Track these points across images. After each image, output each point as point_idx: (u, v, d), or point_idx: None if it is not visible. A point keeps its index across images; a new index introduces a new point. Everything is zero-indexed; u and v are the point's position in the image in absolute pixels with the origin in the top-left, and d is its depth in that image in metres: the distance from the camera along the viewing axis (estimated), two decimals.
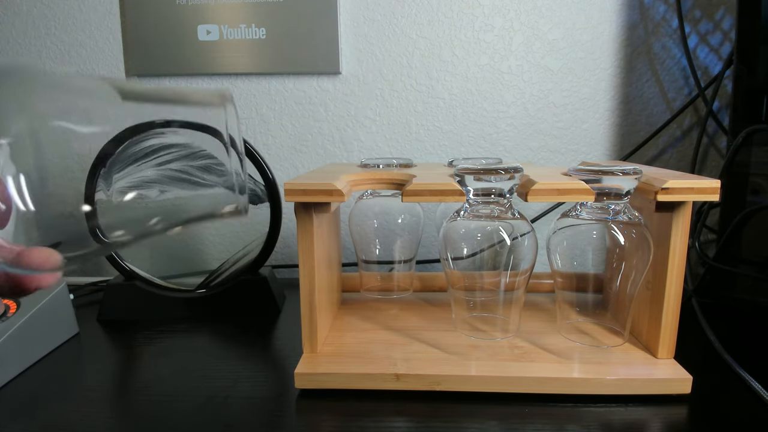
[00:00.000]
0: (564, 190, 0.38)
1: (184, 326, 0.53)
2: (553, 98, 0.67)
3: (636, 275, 0.41)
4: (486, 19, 0.65)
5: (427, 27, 0.66)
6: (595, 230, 0.42)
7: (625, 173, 0.38)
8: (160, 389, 0.39)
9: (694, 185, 0.37)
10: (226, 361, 0.46)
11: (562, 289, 0.45)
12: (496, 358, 0.41)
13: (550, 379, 0.38)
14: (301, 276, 0.41)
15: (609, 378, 0.38)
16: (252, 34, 0.66)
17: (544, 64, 0.66)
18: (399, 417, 0.37)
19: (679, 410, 0.37)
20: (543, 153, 0.68)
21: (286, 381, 0.42)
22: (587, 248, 0.43)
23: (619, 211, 0.41)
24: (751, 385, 0.39)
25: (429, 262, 0.71)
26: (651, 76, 0.66)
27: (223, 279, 0.58)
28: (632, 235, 0.41)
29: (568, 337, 0.45)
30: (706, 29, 0.63)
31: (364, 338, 0.46)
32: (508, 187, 0.40)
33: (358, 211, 0.55)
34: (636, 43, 0.65)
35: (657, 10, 0.64)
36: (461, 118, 0.68)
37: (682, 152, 0.67)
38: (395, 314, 0.51)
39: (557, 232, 0.43)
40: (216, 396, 0.40)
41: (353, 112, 0.69)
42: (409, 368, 0.40)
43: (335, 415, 0.38)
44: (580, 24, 0.65)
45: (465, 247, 0.43)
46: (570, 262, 0.43)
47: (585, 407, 0.38)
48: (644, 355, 0.42)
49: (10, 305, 0.46)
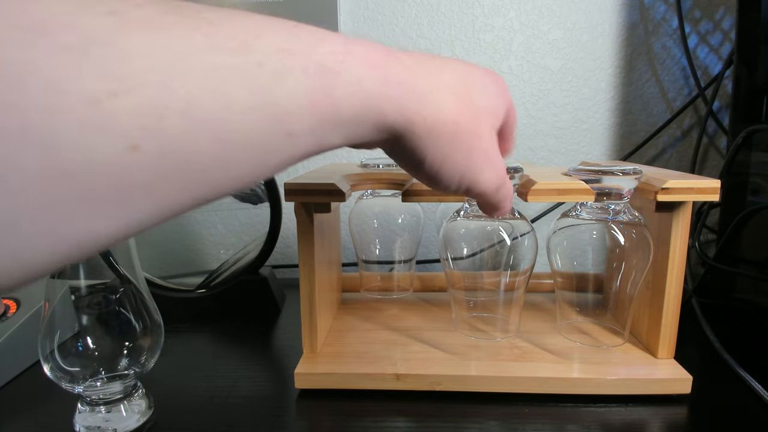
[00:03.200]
0: (564, 190, 0.38)
1: (184, 326, 0.53)
2: (553, 98, 0.67)
3: (636, 275, 0.41)
4: (486, 19, 0.65)
5: (427, 27, 0.66)
6: (595, 230, 0.42)
7: (625, 173, 0.38)
8: (160, 389, 0.39)
9: (694, 185, 0.37)
10: (226, 361, 0.46)
11: (562, 289, 0.45)
12: (496, 358, 0.41)
13: (550, 379, 0.38)
14: (301, 276, 0.41)
15: (609, 378, 0.38)
16: None
17: (544, 64, 0.66)
18: (399, 417, 0.37)
19: (679, 410, 0.37)
20: (543, 153, 0.68)
21: (286, 381, 0.42)
22: (587, 248, 0.43)
23: (619, 211, 0.41)
24: (751, 385, 0.39)
25: (429, 262, 0.71)
26: (651, 76, 0.66)
27: (223, 279, 0.58)
28: (632, 235, 0.41)
29: (568, 337, 0.45)
30: (706, 29, 0.63)
31: (364, 338, 0.46)
32: None
33: (358, 211, 0.55)
34: (636, 43, 0.65)
35: (657, 10, 0.64)
36: None
37: (682, 152, 0.67)
38: (395, 314, 0.51)
39: (557, 232, 0.43)
40: (216, 396, 0.40)
41: None
42: (409, 368, 0.40)
43: (335, 415, 0.38)
44: (580, 24, 0.65)
45: (465, 247, 0.43)
46: (570, 262, 0.43)
47: (585, 407, 0.38)
48: (644, 355, 0.42)
49: (10, 305, 0.46)
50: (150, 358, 0.36)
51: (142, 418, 0.36)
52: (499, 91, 0.26)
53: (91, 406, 0.35)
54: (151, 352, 0.36)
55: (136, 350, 0.36)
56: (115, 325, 0.36)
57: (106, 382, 0.35)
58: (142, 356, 0.36)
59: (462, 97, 0.23)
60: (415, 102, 0.21)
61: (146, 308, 0.37)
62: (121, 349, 0.35)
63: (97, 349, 0.35)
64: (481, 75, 0.25)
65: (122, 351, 0.35)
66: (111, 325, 0.35)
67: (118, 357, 0.35)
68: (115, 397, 0.35)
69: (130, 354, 0.35)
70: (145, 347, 0.36)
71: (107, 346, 0.35)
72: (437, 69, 0.23)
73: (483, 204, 0.28)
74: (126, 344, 0.35)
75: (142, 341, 0.36)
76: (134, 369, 0.36)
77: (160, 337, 0.37)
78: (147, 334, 0.36)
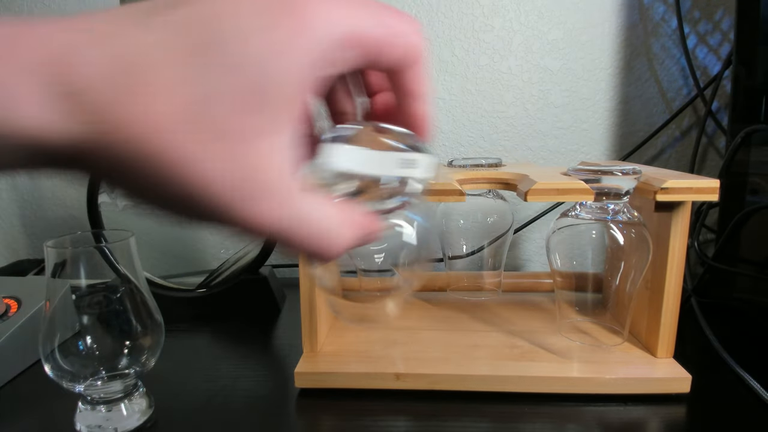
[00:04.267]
0: (563, 190, 0.38)
1: (184, 326, 0.53)
2: (553, 98, 0.67)
3: (635, 275, 0.41)
4: (486, 19, 0.65)
5: (427, 27, 0.66)
6: (595, 230, 0.43)
7: (625, 173, 0.38)
8: (160, 389, 0.39)
9: (693, 185, 0.37)
10: (226, 361, 0.46)
11: (562, 289, 0.45)
12: (495, 358, 0.41)
13: (550, 379, 0.38)
14: (301, 276, 0.41)
15: (608, 377, 0.38)
16: None
17: (543, 65, 0.66)
18: (399, 417, 0.37)
19: (678, 409, 0.37)
20: (542, 153, 0.68)
21: (286, 380, 0.42)
22: (587, 248, 0.43)
23: (618, 210, 0.41)
24: (750, 385, 0.39)
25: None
26: (650, 76, 0.66)
27: (224, 278, 0.59)
28: (631, 234, 0.41)
29: (567, 337, 0.45)
30: (705, 29, 0.63)
31: (364, 338, 0.46)
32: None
33: None
34: (635, 43, 0.65)
35: (656, 10, 0.64)
36: (461, 118, 0.68)
37: (681, 152, 0.67)
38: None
39: (557, 232, 0.43)
40: (216, 395, 0.40)
41: None
42: (409, 368, 0.40)
43: (335, 414, 0.38)
44: (580, 24, 0.65)
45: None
46: (569, 261, 0.43)
47: (585, 407, 0.38)
48: (643, 354, 0.42)
49: (11, 305, 0.46)
50: (150, 358, 0.36)
51: (142, 417, 0.36)
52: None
53: (91, 405, 0.35)
54: (152, 352, 0.36)
55: (136, 349, 0.36)
56: (116, 325, 0.36)
57: (107, 381, 0.35)
58: (142, 355, 0.36)
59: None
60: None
61: (147, 308, 0.37)
62: (122, 349, 0.35)
63: (97, 348, 0.35)
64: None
65: (123, 350, 0.35)
66: (111, 325, 0.36)
67: (118, 356, 0.35)
68: (116, 397, 0.35)
69: (130, 353, 0.36)
70: (146, 346, 0.36)
71: (108, 346, 0.35)
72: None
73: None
74: (126, 343, 0.36)
75: (143, 341, 0.36)
76: (135, 368, 0.36)
77: (160, 337, 0.37)
78: (147, 334, 0.36)
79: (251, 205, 0.15)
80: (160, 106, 0.14)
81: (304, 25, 0.15)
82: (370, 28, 0.17)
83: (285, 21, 0.15)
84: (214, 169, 0.14)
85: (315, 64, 0.16)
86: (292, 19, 0.15)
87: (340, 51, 0.16)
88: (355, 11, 0.16)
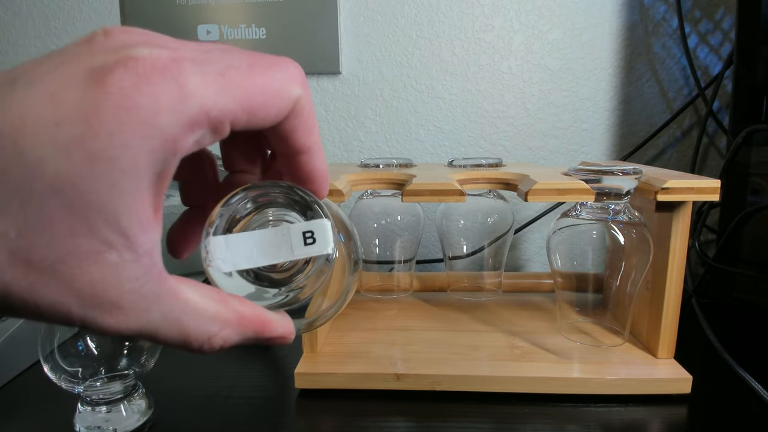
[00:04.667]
0: (564, 190, 0.38)
1: None
2: (553, 98, 0.67)
3: (636, 275, 0.41)
4: (486, 19, 0.65)
5: (427, 27, 0.66)
6: (595, 230, 0.42)
7: (625, 173, 0.38)
8: (159, 389, 0.39)
9: (694, 185, 0.37)
10: (226, 361, 0.46)
11: (562, 289, 0.45)
12: (496, 358, 0.41)
13: (550, 379, 0.38)
14: None
15: (609, 378, 0.38)
16: (252, 34, 0.66)
17: (544, 64, 0.66)
18: (399, 417, 0.37)
19: (679, 410, 0.37)
20: (543, 153, 0.68)
21: (286, 381, 0.42)
22: (587, 248, 0.43)
23: (619, 211, 0.41)
24: (751, 385, 0.39)
25: (429, 262, 0.71)
26: (651, 76, 0.66)
27: None
28: (632, 234, 0.41)
29: (568, 337, 0.45)
30: (706, 29, 0.63)
31: (364, 338, 0.46)
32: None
33: (358, 211, 0.55)
34: (636, 43, 0.65)
35: (657, 10, 0.64)
36: (461, 118, 0.68)
37: (682, 152, 0.67)
38: (395, 314, 0.51)
39: (557, 232, 0.43)
40: (216, 396, 0.40)
41: (353, 112, 0.69)
42: (409, 368, 0.40)
43: (335, 415, 0.38)
44: (580, 24, 0.65)
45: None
46: (570, 262, 0.43)
47: (585, 407, 0.38)
48: (644, 354, 0.42)
49: None
50: (150, 358, 0.36)
51: (142, 418, 0.36)
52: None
53: (91, 406, 0.35)
54: (151, 352, 0.36)
55: (136, 350, 0.36)
56: None
57: (106, 382, 0.35)
58: (142, 356, 0.36)
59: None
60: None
61: None
62: (121, 349, 0.35)
63: (97, 348, 0.35)
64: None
65: (122, 351, 0.35)
66: None
67: (118, 357, 0.35)
68: (115, 397, 0.35)
69: (130, 354, 0.35)
70: (145, 347, 0.36)
71: (107, 346, 0.35)
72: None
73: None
74: (126, 344, 0.35)
75: (142, 341, 0.36)
76: (134, 369, 0.36)
77: None
78: None
79: (109, 317, 0.15)
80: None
81: (129, 120, 0.13)
82: (225, 102, 0.15)
83: (103, 126, 0.13)
84: (59, 294, 0.14)
85: (153, 162, 0.14)
86: (115, 117, 0.13)
87: (189, 134, 0.15)
88: (211, 80, 0.15)
